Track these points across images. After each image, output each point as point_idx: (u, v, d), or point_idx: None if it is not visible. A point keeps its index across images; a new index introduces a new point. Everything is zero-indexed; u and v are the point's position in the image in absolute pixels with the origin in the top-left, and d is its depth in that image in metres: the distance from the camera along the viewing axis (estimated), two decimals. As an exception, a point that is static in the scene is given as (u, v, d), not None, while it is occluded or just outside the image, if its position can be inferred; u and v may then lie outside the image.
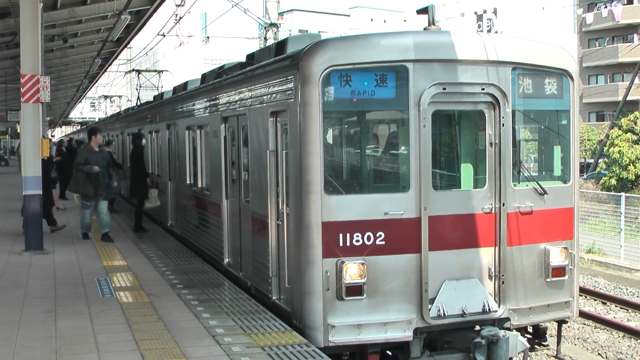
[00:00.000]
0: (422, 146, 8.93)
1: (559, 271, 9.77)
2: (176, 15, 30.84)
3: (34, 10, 15.31)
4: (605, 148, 40.04)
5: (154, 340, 8.53)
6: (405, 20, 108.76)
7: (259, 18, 31.02)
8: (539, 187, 9.65)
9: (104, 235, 16.54)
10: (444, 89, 9.05)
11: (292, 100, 9.11)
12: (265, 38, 30.91)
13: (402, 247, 8.93)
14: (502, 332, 9.06)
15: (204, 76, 15.40)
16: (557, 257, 9.72)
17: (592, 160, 50.87)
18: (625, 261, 22.43)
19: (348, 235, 8.75)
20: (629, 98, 48.34)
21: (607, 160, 39.46)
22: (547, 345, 10.64)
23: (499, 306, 9.32)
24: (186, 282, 11.78)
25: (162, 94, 22.63)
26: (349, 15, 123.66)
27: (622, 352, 13.73)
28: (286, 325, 9.15)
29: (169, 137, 18.23)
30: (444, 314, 9.03)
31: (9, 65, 36.62)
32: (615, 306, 17.28)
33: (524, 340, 9.51)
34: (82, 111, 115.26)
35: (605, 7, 74.72)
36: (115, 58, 42.06)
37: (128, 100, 76.56)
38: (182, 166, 16.50)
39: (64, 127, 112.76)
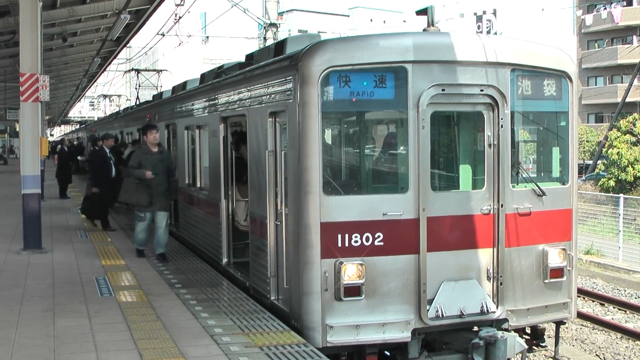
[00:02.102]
0: (421, 147, 8.94)
1: (557, 272, 9.78)
2: (176, 14, 30.84)
3: (34, 8, 15.32)
4: (604, 149, 40.05)
5: (152, 340, 8.53)
6: (404, 21, 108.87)
7: (258, 18, 31.02)
8: (537, 188, 9.66)
9: (159, 255, 13.86)
10: (443, 90, 9.06)
11: (291, 100, 9.11)
12: (264, 38, 30.89)
13: (400, 248, 8.93)
14: (500, 333, 9.08)
15: (203, 76, 15.40)
16: (555, 259, 9.73)
17: (590, 162, 50.89)
18: (624, 262, 22.46)
19: (347, 235, 8.76)
20: (627, 99, 48.32)
21: (605, 161, 39.47)
22: (545, 346, 10.65)
23: (497, 307, 9.33)
24: (184, 282, 11.78)
25: (161, 94, 22.64)
26: (348, 16, 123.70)
27: (619, 353, 13.75)
28: (284, 325, 9.16)
29: (167, 137, 18.23)
30: (442, 315, 9.03)
31: (8, 64, 36.63)
32: (613, 307, 17.30)
33: (522, 341, 9.52)
34: (81, 110, 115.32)
35: (605, 8, 74.72)
36: (115, 57, 42.08)
37: (127, 99, 76.61)
38: (180, 166, 16.50)
39: (63, 126, 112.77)
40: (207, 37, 61.45)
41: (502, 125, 9.30)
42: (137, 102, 31.63)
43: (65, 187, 27.93)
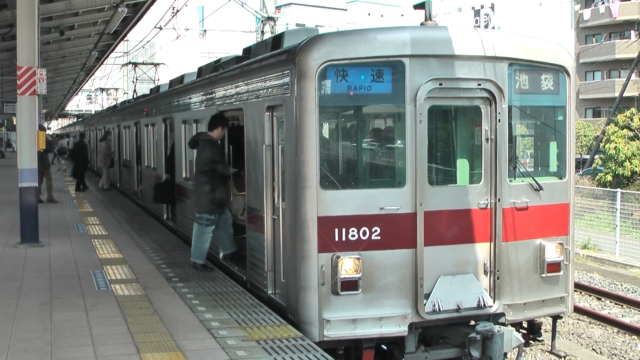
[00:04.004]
0: (418, 141, 8.93)
1: (554, 267, 9.78)
2: (173, 8, 30.81)
3: (31, 2, 15.26)
4: (602, 144, 40.06)
5: (149, 334, 8.53)
6: (402, 15, 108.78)
7: (256, 11, 30.98)
8: (534, 182, 9.66)
9: (232, 253, 12.32)
10: (441, 84, 9.05)
11: (288, 94, 9.10)
12: (262, 32, 30.85)
13: (397, 242, 8.93)
14: (497, 328, 9.09)
15: (200, 69, 15.38)
16: (552, 253, 9.74)
17: (588, 156, 50.92)
18: (621, 257, 22.51)
19: (344, 230, 8.76)
20: (625, 94, 48.35)
21: (603, 156, 39.51)
22: (542, 340, 10.67)
23: (494, 301, 9.34)
24: (182, 276, 11.78)
25: (158, 87, 22.61)
26: (346, 10, 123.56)
27: (616, 347, 13.78)
28: (281, 319, 9.16)
29: (165, 130, 18.21)
30: (439, 309, 9.04)
31: (5, 57, 36.64)
32: (610, 302, 17.34)
33: (519, 335, 9.54)
34: (79, 104, 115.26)
35: (603, 3, 74.71)
36: (112, 51, 42.08)
37: (125, 93, 76.53)
38: (178, 160, 16.48)
39: (60, 119, 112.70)
40: (205, 30, 61.39)
41: (499, 120, 9.30)
42: (135, 96, 31.58)
43: (82, 179, 28.20)
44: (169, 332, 8.58)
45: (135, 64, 36.03)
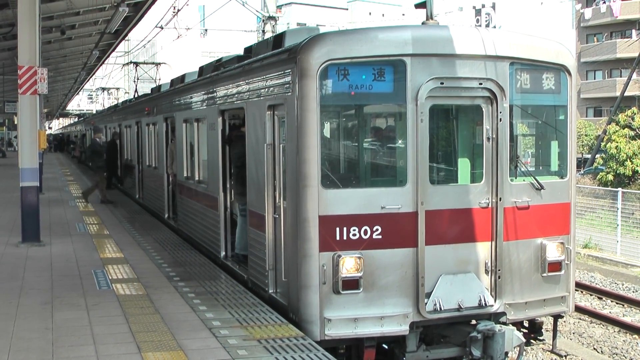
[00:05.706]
0: (420, 140, 8.93)
1: (555, 266, 9.78)
2: (174, 7, 30.81)
3: (32, 1, 15.26)
4: (603, 143, 40.04)
5: (150, 333, 8.54)
6: (403, 14, 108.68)
7: (257, 11, 30.95)
8: (536, 182, 9.66)
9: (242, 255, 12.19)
10: (442, 83, 9.04)
11: (289, 93, 9.10)
12: (263, 31, 30.82)
13: (398, 241, 8.93)
14: (498, 327, 9.09)
15: (201, 69, 15.37)
16: (553, 252, 9.73)
17: (589, 156, 50.88)
18: (622, 256, 22.50)
19: (345, 229, 8.76)
20: (626, 94, 48.34)
21: (604, 155, 39.49)
22: (543, 339, 10.66)
23: (495, 301, 9.34)
24: (183, 275, 11.78)
25: (159, 87, 22.61)
26: (347, 9, 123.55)
27: (617, 347, 13.77)
28: (283, 318, 9.16)
29: (166, 130, 18.22)
30: (440, 308, 9.03)
31: (6, 57, 36.61)
32: (611, 301, 17.34)
33: (520, 334, 9.53)
34: (80, 103, 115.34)
35: (604, 2, 74.60)
36: (113, 50, 42.07)
37: (126, 92, 76.59)
38: (179, 159, 16.49)
39: (61, 119, 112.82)
40: (206, 30, 61.48)
41: (500, 119, 9.30)
42: (136, 95, 31.59)
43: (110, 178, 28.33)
44: (170, 332, 8.58)
45: (136, 64, 36.04)
